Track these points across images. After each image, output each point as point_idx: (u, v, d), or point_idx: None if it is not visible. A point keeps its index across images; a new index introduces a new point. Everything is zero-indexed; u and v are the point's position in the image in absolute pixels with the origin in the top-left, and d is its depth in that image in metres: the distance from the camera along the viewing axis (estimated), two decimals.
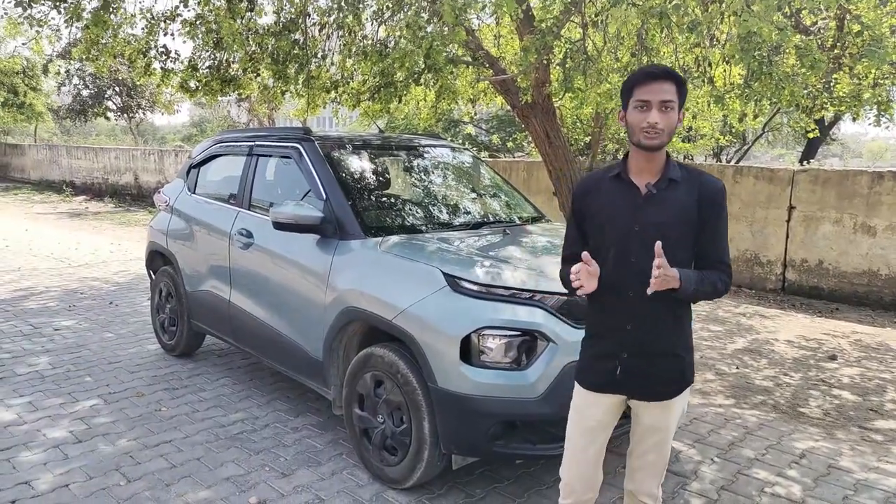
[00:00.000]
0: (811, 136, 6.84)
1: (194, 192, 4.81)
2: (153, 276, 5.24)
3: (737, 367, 5.10)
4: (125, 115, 25.09)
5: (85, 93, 24.69)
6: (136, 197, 17.84)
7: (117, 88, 24.04)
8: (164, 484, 3.14)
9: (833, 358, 5.40)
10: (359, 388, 3.20)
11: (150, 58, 7.12)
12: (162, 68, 7.21)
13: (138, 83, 20.94)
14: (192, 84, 7.26)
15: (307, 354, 3.51)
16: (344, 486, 3.15)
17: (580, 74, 5.35)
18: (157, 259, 5.17)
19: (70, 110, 25.21)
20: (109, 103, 25.30)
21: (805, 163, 10.84)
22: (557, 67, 6.09)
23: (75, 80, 24.39)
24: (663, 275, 1.86)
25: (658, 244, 1.86)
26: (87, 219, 14.33)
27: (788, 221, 7.74)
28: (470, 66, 7.00)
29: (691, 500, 3.10)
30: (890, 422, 4.13)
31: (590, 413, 2.14)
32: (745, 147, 19.15)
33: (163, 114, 24.21)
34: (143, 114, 25.66)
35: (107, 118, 26.23)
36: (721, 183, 2.06)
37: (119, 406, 4.06)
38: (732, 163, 15.31)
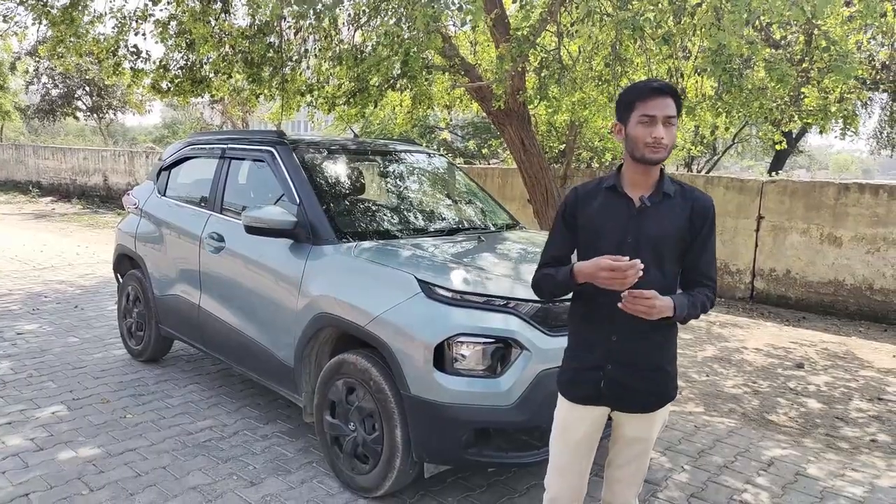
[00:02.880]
0: (779, 147, 6.97)
1: (164, 195, 4.72)
2: (120, 280, 5.12)
3: (707, 375, 5.16)
4: (95, 116, 24.61)
5: (54, 92, 24.16)
6: (105, 199, 17.49)
7: (87, 88, 23.57)
8: (128, 493, 3.06)
9: (800, 366, 5.50)
10: (330, 395, 3.16)
11: (119, 57, 7.00)
12: (132, 68, 7.09)
13: (109, 83, 20.55)
14: (164, 85, 7.15)
15: (278, 361, 3.46)
16: (314, 494, 3.10)
17: (555, 83, 5.39)
18: (125, 262, 5.06)
19: (38, 110, 24.64)
20: (79, 103, 24.80)
21: (773, 174, 11.07)
22: (532, 75, 6.14)
23: (44, 80, 23.86)
24: (658, 306, 1.85)
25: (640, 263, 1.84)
26: (54, 220, 14.01)
27: (757, 231, 7.88)
28: (446, 73, 7.01)
29: None
30: (855, 429, 4.21)
31: (575, 426, 2.13)
32: (716, 158, 19.50)
33: (134, 114, 23.83)
34: (114, 114, 25.21)
35: (76, 118, 25.72)
36: (711, 199, 2.06)
37: (83, 413, 3.95)
38: (703, 173, 15.57)
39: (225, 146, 4.24)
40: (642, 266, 1.83)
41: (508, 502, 3.10)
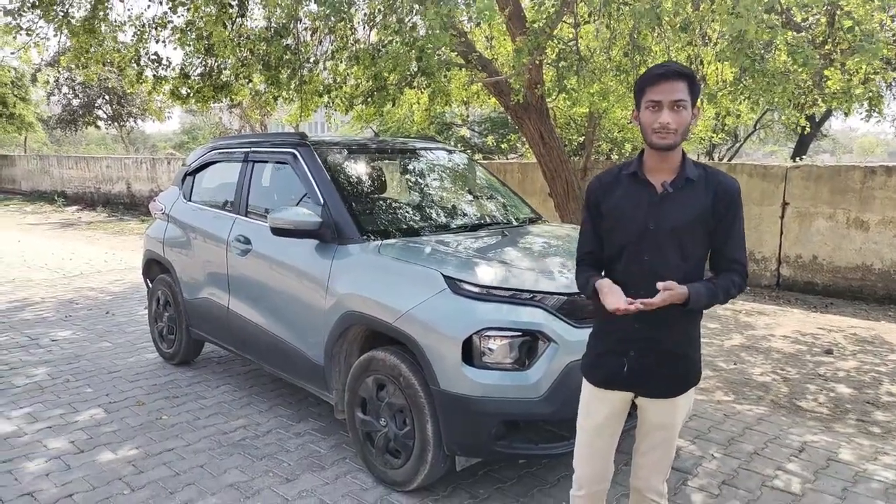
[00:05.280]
0: (804, 132, 6.88)
1: (190, 200, 4.81)
2: (150, 285, 5.23)
3: (735, 363, 5.13)
4: (116, 124, 25.00)
5: (75, 102, 24.59)
6: (129, 206, 17.78)
7: (107, 97, 23.96)
8: (168, 492, 3.14)
9: (829, 352, 5.44)
10: (361, 391, 3.21)
11: (141, 66, 7.12)
12: (153, 76, 7.21)
13: (129, 91, 20.86)
14: (184, 91, 7.26)
15: (308, 359, 3.52)
16: (348, 489, 3.16)
17: (573, 74, 5.38)
18: (154, 267, 5.16)
19: (60, 120, 25.10)
20: (100, 112, 25.21)
21: (797, 159, 10.92)
22: (550, 67, 6.12)
23: (65, 90, 24.28)
24: (669, 295, 1.89)
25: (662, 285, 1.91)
26: (80, 229, 14.28)
27: (782, 218, 7.79)
28: (463, 69, 7.02)
29: (693, 496, 3.12)
30: (887, 414, 4.16)
31: (597, 409, 2.16)
32: (738, 144, 19.26)
33: (154, 121, 24.15)
34: (134, 122, 25.58)
35: (97, 127, 26.16)
36: (737, 183, 2.05)
37: (120, 415, 4.05)
38: (725, 160, 15.38)
39: (248, 149, 4.31)
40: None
41: (539, 494, 3.13)
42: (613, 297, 1.95)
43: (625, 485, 2.91)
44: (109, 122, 25.36)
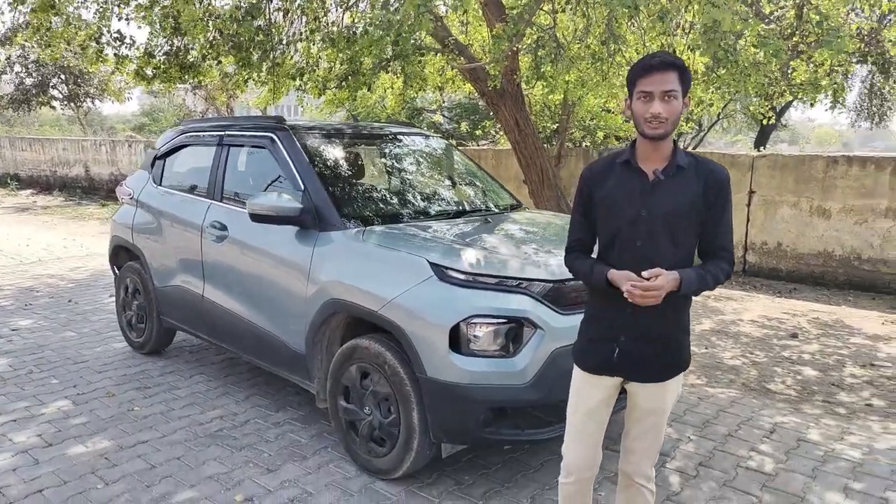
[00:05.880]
0: (767, 122, 7.03)
1: (161, 184, 4.67)
2: (118, 272, 5.07)
3: (706, 348, 5.25)
4: (72, 105, 24.07)
5: (28, 81, 23.58)
6: (88, 190, 17.22)
7: (63, 76, 23.03)
8: (144, 485, 3.06)
9: (794, 336, 5.60)
10: (344, 380, 3.17)
11: (102, 44, 6.85)
12: (115, 55, 6.95)
13: (87, 71, 20.11)
14: (149, 71, 7.02)
15: (289, 348, 3.46)
16: (331, 478, 3.13)
17: (550, 62, 5.37)
18: (122, 254, 5.01)
19: (12, 100, 24.06)
20: (55, 92, 24.24)
21: (760, 148, 11.17)
22: (526, 55, 6.11)
23: (17, 68, 23.26)
24: (664, 288, 1.93)
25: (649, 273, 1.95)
26: (37, 213, 13.79)
27: (749, 206, 7.97)
28: (438, 54, 6.96)
29: (672, 478, 3.18)
30: (851, 395, 4.31)
31: (588, 394, 2.19)
32: (702, 134, 19.58)
33: (113, 102, 23.32)
34: (92, 102, 24.67)
35: (52, 107, 25.15)
36: (727, 172, 2.09)
37: (89, 407, 3.93)
38: (690, 149, 15.66)
39: (222, 133, 4.19)
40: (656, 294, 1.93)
41: (523, 479, 3.15)
42: (632, 276, 1.98)
43: (607, 469, 2.96)
44: (65, 103, 24.40)
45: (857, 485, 3.13)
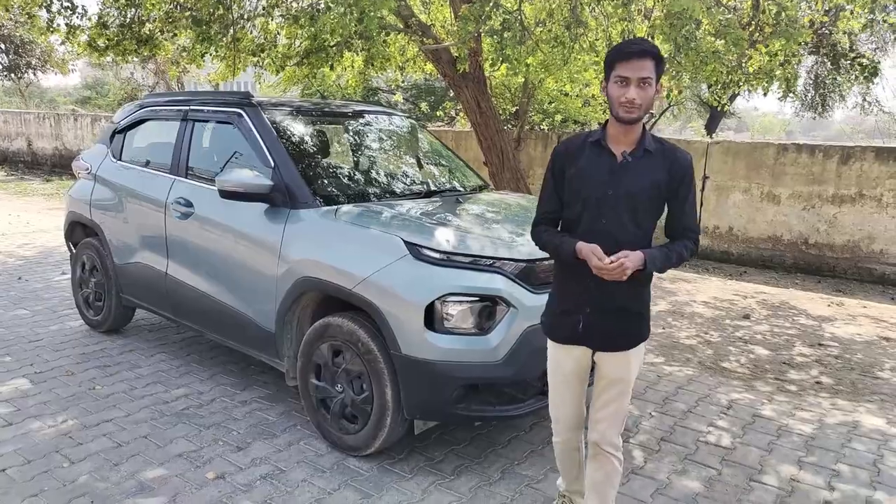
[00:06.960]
0: (723, 109, 7.24)
1: (120, 159, 4.52)
2: (74, 249, 4.91)
3: (663, 328, 5.42)
4: (12, 76, 22.92)
5: None
6: (31, 164, 16.50)
7: (3, 46, 21.89)
8: (111, 464, 3.01)
9: (746, 317, 5.84)
10: (315, 358, 3.17)
11: (53, 13, 6.55)
12: (67, 24, 6.65)
13: (29, 41, 19.15)
14: (102, 43, 6.75)
15: (258, 326, 3.43)
16: (303, 456, 3.14)
17: (515, 44, 5.40)
18: (79, 230, 4.85)
19: None
20: None
21: (713, 135, 11.49)
22: (490, 37, 6.12)
23: None
24: (629, 267, 2.05)
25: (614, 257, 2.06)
26: None
27: (702, 191, 8.21)
28: (401, 34, 6.90)
29: (635, 452, 3.31)
30: (801, 373, 4.54)
31: (564, 362, 2.35)
32: (653, 120, 19.97)
33: (56, 74, 22.28)
34: (34, 74, 23.53)
35: None
36: (690, 157, 2.22)
37: (48, 386, 3.83)
38: None
39: (187, 108, 4.09)
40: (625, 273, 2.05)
41: (492, 454, 3.22)
42: (596, 257, 2.08)
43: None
44: (5, 74, 23.21)
45: (810, 458, 3.32)
